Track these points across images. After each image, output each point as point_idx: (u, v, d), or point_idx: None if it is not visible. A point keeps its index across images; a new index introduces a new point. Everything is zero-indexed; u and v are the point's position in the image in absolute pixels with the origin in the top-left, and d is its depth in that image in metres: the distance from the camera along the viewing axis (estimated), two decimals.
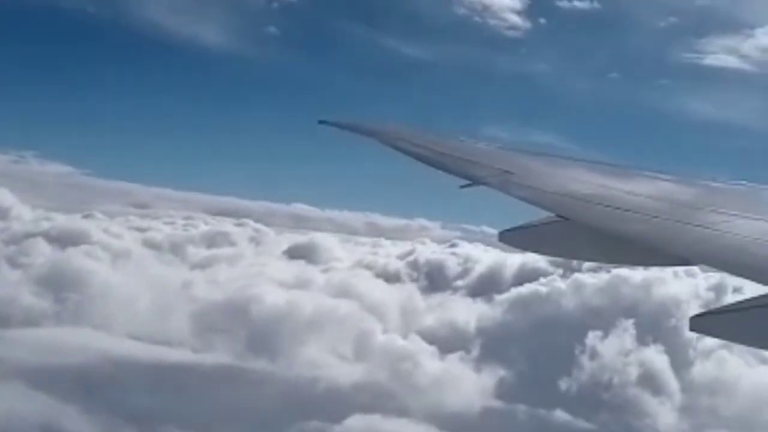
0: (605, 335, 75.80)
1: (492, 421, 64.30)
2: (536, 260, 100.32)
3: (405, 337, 75.86)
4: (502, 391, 69.84)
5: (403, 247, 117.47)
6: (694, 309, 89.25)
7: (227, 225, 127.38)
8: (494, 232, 6.78)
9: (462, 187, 7.23)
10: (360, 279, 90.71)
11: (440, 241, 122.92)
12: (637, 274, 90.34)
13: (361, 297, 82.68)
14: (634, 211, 6.25)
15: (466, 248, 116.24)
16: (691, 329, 5.11)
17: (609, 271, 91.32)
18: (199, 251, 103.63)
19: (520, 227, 6.69)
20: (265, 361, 66.10)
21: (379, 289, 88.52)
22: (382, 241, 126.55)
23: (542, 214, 6.54)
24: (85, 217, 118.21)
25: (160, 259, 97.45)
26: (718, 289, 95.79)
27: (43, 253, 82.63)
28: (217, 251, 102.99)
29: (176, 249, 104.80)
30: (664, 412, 69.16)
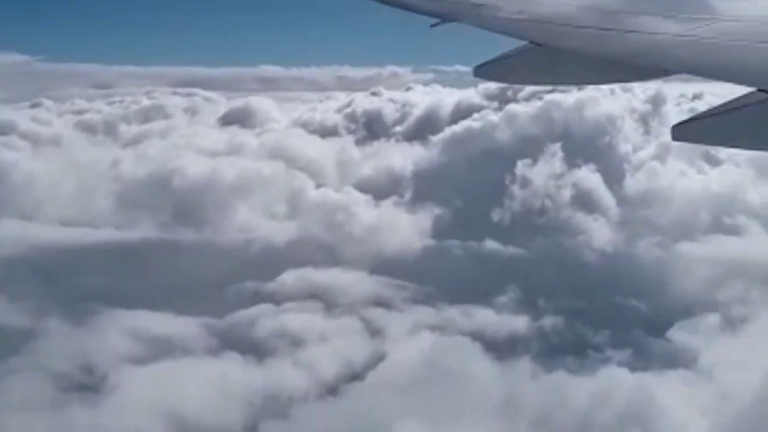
0: (535, 162, 76.15)
1: (426, 260, 65.16)
2: (470, 97, 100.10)
3: (338, 189, 75.87)
4: (435, 230, 70.63)
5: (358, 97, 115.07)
6: (630, 124, 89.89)
7: (169, 97, 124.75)
8: (468, 69, 6.80)
9: (432, 25, 6.97)
10: (294, 138, 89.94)
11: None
12: (569, 97, 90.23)
13: (294, 156, 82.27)
14: (608, 28, 6.16)
15: (418, 92, 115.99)
16: (674, 138, 5.38)
17: (541, 98, 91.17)
18: (132, 128, 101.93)
19: (494, 60, 6.66)
20: (194, 231, 66.12)
21: (313, 145, 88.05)
22: (337, 94, 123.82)
23: (514, 47, 6.45)
24: (33, 106, 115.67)
25: (91, 141, 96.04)
26: (655, 101, 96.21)
27: None
28: (150, 126, 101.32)
29: (110, 129, 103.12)
30: (598, 228, 70.31)
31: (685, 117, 5.19)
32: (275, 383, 42.29)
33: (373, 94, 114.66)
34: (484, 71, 6.71)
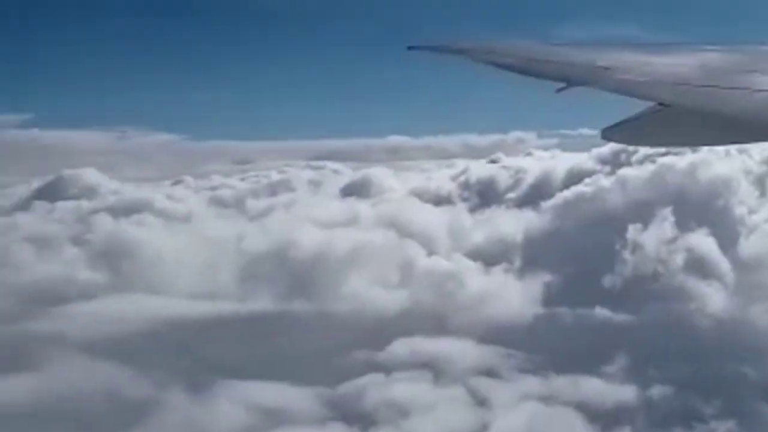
0: (647, 226, 75.85)
1: (535, 328, 65.82)
2: (583, 161, 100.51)
3: (449, 258, 77.65)
4: (545, 297, 71.18)
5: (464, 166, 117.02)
6: (745, 186, 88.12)
7: (299, 170, 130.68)
8: (593, 133, 7.00)
9: (558, 90, 7.02)
10: (408, 207, 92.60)
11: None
12: (683, 160, 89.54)
13: (407, 225, 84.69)
14: (738, 88, 6.15)
15: (537, 157, 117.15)
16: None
17: (654, 162, 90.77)
18: (259, 202, 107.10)
19: (623, 122, 6.65)
20: (309, 302, 69.06)
21: (426, 213, 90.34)
22: (458, 162, 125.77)
23: (641, 109, 6.55)
24: (174, 183, 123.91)
25: (220, 215, 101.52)
26: None
27: (104, 226, 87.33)
28: (276, 199, 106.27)
29: (239, 203, 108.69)
30: (712, 293, 69.27)
31: None
32: None
33: (492, 161, 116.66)
34: (612, 133, 6.71)
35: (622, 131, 6.71)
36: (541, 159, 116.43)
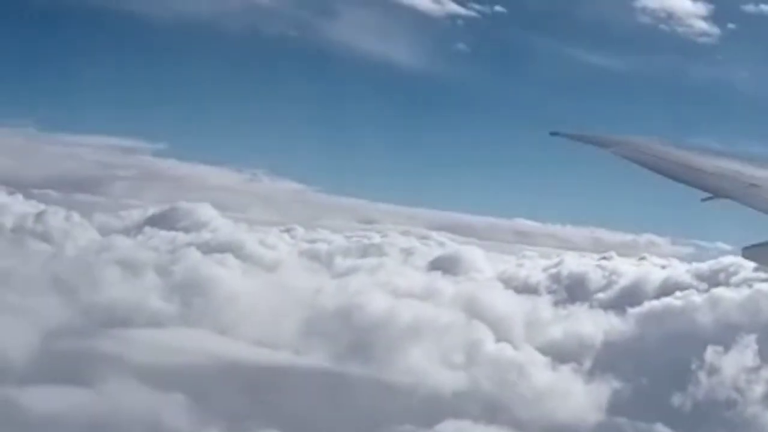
0: (728, 350, 72.37)
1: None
2: (679, 274, 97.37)
3: (518, 347, 76.01)
4: (609, 404, 68.67)
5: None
6: None
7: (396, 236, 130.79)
8: (728, 248, 7.50)
9: (704, 200, 6.99)
10: (488, 290, 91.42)
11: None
12: None
13: (483, 308, 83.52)
14: None
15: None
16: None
17: (751, 286, 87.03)
18: (346, 262, 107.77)
19: (765, 243, 6.43)
20: (367, 366, 68.70)
21: (506, 299, 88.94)
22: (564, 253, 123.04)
23: None
24: (285, 231, 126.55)
25: (307, 269, 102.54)
26: None
27: (189, 260, 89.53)
28: (362, 261, 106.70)
29: (329, 259, 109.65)
30: None
31: None
32: None
33: (603, 258, 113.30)
34: (753, 253, 6.44)
35: (765, 252, 6.44)
36: (653, 265, 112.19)
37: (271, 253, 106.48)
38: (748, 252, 6.41)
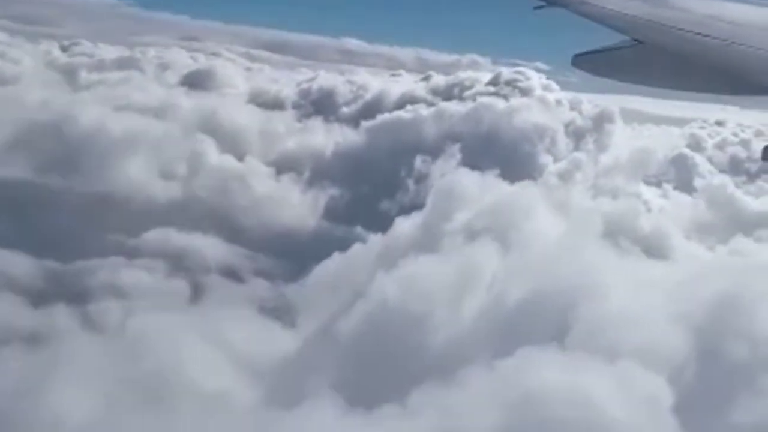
0: (434, 159, 77.08)
1: (297, 237, 66.94)
2: (417, 88, 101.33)
3: (241, 159, 77.64)
4: (323, 211, 72.44)
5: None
6: (561, 137, 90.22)
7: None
8: (547, 68, 6.70)
9: (536, 8, 6.79)
10: (229, 106, 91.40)
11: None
12: (505, 102, 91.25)
13: (219, 123, 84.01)
14: (718, 38, 5.93)
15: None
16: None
17: (475, 100, 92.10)
18: (95, 75, 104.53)
19: (596, 51, 6.45)
20: (78, 180, 68.09)
21: (244, 114, 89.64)
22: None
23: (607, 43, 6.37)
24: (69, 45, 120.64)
25: (48, 82, 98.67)
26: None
27: None
28: (110, 75, 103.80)
29: (72, 74, 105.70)
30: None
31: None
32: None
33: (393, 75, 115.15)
34: (582, 61, 6.48)
35: (593, 61, 6.54)
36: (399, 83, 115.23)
37: (13, 68, 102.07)
38: (577, 60, 6.56)
